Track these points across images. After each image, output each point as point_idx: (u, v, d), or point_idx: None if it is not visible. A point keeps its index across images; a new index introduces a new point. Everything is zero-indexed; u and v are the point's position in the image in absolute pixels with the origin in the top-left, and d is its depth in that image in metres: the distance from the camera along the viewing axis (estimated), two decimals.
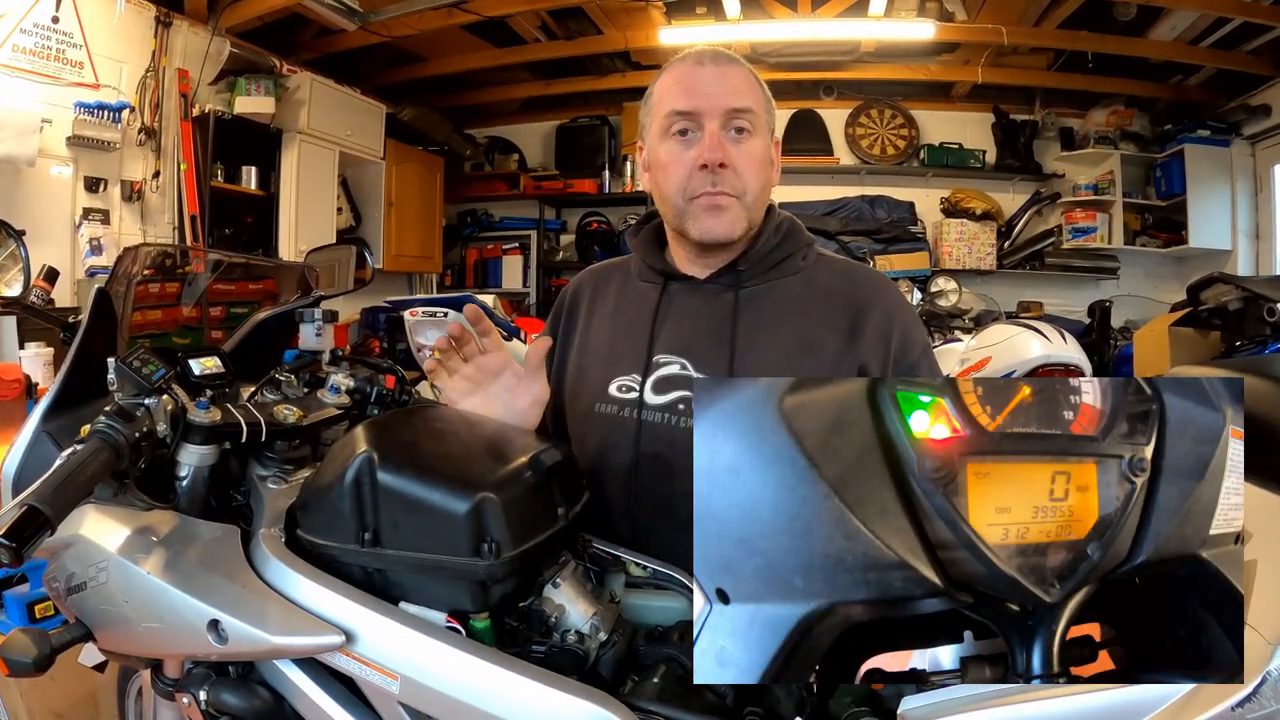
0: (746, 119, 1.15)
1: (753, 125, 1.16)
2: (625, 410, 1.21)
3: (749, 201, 1.17)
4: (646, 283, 1.29)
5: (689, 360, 1.20)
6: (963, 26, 4.91)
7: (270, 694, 0.87)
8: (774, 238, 1.23)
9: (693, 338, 1.21)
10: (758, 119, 1.17)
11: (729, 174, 1.14)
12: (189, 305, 1.69)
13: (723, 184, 1.14)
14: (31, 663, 0.85)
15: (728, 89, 1.15)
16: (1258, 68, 4.91)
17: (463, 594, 0.81)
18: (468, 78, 6.04)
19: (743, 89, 1.16)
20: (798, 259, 1.24)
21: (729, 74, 1.16)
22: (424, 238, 6.19)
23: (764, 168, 1.18)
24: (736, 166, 1.14)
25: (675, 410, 1.18)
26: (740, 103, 1.15)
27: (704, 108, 1.14)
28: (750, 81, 1.18)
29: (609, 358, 1.26)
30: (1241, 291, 3.40)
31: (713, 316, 1.21)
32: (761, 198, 1.19)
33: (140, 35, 3.97)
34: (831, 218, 5.93)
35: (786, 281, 1.22)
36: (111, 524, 0.93)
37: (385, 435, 0.88)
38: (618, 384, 1.23)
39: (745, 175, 1.15)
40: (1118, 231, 5.67)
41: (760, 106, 1.18)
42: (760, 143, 1.17)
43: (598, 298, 1.35)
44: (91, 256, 3.66)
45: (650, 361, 1.21)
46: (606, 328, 1.30)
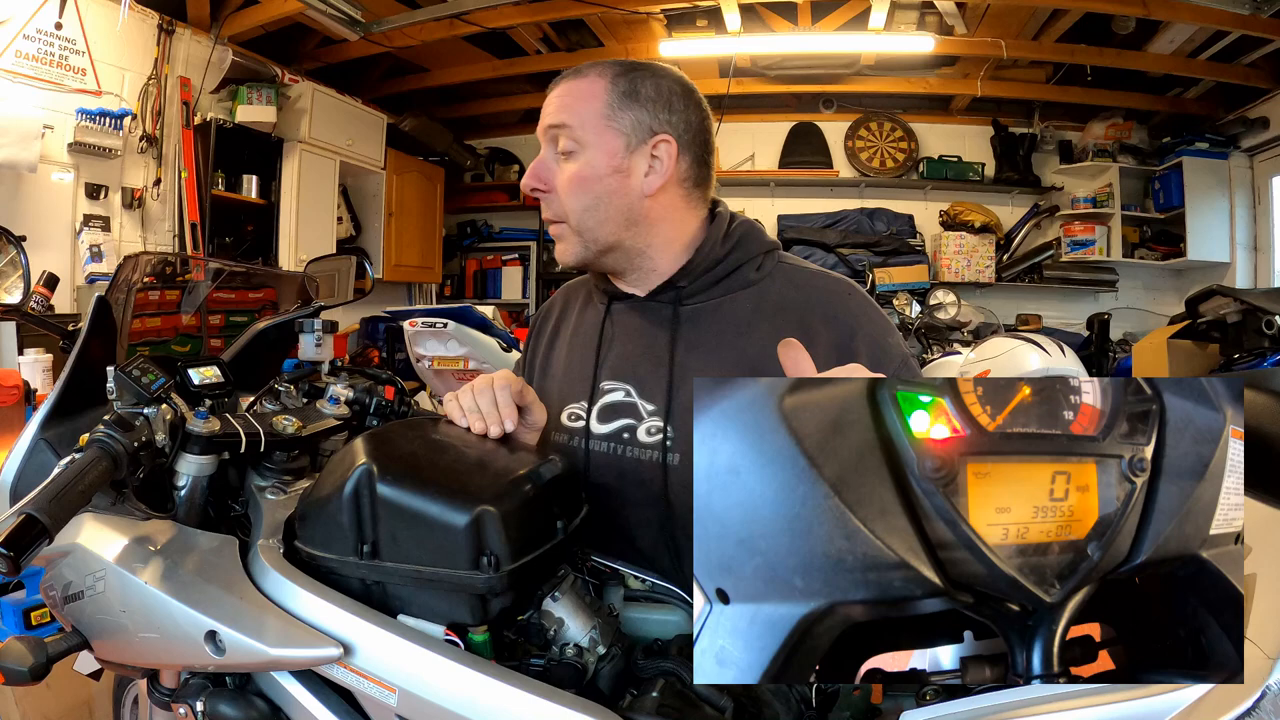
0: (566, 136, 1.10)
1: (577, 141, 1.09)
2: (574, 440, 1.17)
3: (576, 224, 1.12)
4: (599, 303, 1.26)
5: (632, 386, 1.16)
6: (962, 40, 4.93)
7: (267, 705, 0.87)
8: (719, 248, 1.15)
9: (635, 361, 1.17)
10: (583, 134, 1.09)
11: (553, 198, 1.12)
12: (189, 313, 1.69)
13: (547, 209, 1.14)
14: (28, 671, 0.85)
15: (553, 109, 1.11)
16: (1256, 80, 4.94)
17: (461, 607, 0.80)
18: (469, 89, 6.07)
19: (566, 105, 1.10)
20: (749, 270, 1.16)
21: (559, 93, 1.12)
22: (424, 248, 6.21)
23: (589, 185, 1.10)
24: (557, 189, 1.11)
25: (620, 439, 1.14)
26: (556, 119, 1.10)
27: (540, 130, 1.13)
28: (584, 91, 1.11)
29: (563, 384, 1.23)
30: (1240, 304, 3.41)
31: (653, 338, 1.16)
32: (595, 216, 1.11)
33: (143, 43, 3.99)
34: (831, 230, 5.95)
35: (734, 298, 1.15)
36: (109, 533, 0.93)
37: (385, 447, 0.87)
38: (569, 411, 1.20)
39: (564, 198, 1.11)
40: (1116, 244, 5.69)
41: (589, 118, 1.09)
42: (585, 159, 1.10)
43: (564, 318, 1.32)
44: (91, 263, 3.67)
45: (595, 388, 1.18)
46: (564, 352, 1.28)
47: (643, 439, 1.12)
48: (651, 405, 1.13)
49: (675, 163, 1.12)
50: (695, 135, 1.15)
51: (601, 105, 1.10)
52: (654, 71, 1.13)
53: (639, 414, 1.13)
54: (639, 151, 1.11)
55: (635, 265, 1.17)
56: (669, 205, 1.15)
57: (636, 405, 1.14)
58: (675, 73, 1.15)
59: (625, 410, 1.15)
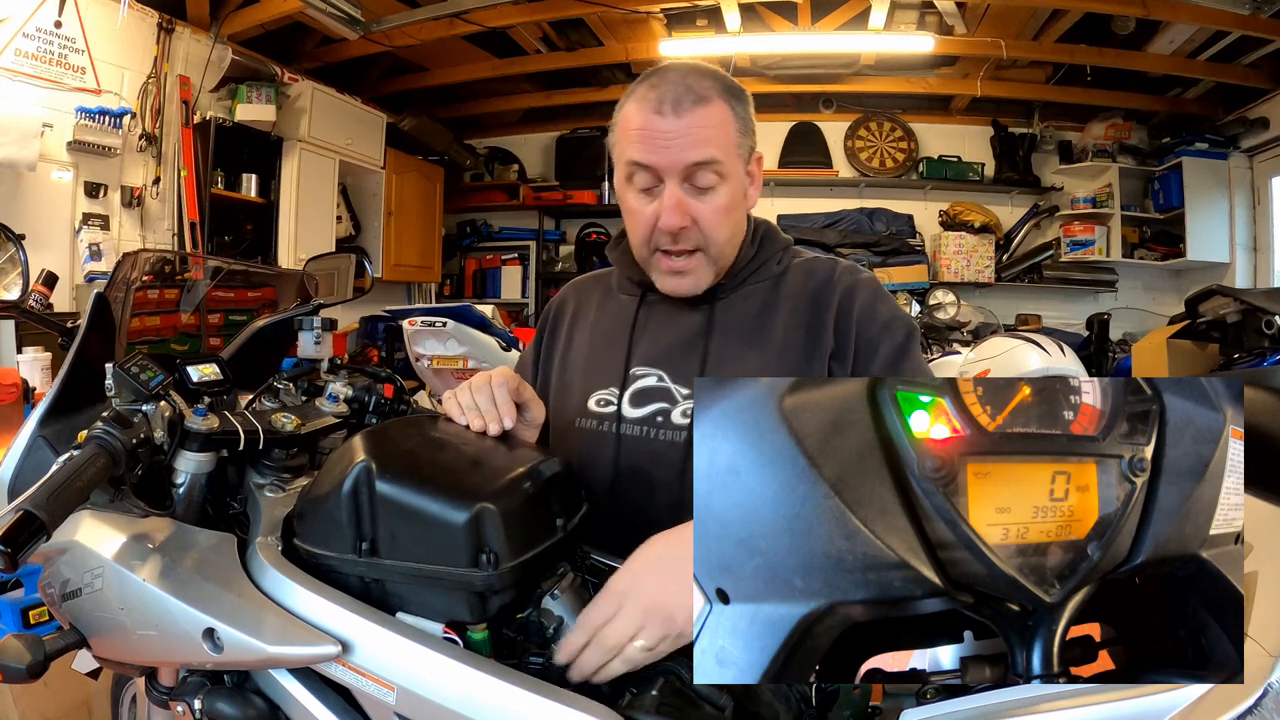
0: (711, 171, 1.07)
1: (721, 174, 1.08)
2: (604, 424, 1.19)
3: (715, 253, 1.13)
4: (626, 295, 1.28)
5: (665, 371, 1.18)
6: (962, 40, 4.93)
7: (265, 703, 0.87)
8: (750, 249, 1.21)
9: (669, 349, 1.19)
10: (726, 165, 1.08)
11: (692, 230, 1.09)
12: (188, 312, 1.69)
13: (684, 241, 1.10)
14: (25, 669, 0.84)
15: (690, 142, 1.05)
16: (1255, 81, 4.94)
17: (460, 605, 0.80)
18: (468, 88, 6.07)
19: (707, 138, 1.06)
20: (772, 265, 1.22)
21: (691, 123, 1.05)
22: (423, 247, 6.20)
23: (733, 213, 1.12)
24: (700, 222, 1.09)
25: (654, 423, 1.16)
26: (702, 155, 1.06)
27: (664, 165, 1.06)
28: (717, 120, 1.08)
29: (588, 372, 1.24)
30: (1240, 304, 3.40)
31: (688, 327, 1.19)
32: (733, 241, 1.16)
33: (142, 41, 3.98)
34: (830, 230, 5.94)
35: (760, 287, 1.20)
36: (107, 530, 0.93)
37: (384, 444, 0.87)
38: (596, 398, 1.21)
39: (709, 229, 1.10)
40: (1116, 244, 5.69)
41: (728, 148, 1.09)
42: (728, 190, 1.09)
43: (580, 312, 1.34)
44: (91, 262, 3.66)
45: (628, 374, 1.20)
46: (586, 341, 1.29)
47: (677, 421, 1.15)
48: (685, 390, 1.16)
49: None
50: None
51: (734, 134, 1.10)
52: (743, 89, 1.15)
53: (673, 398, 1.16)
54: (752, 166, 1.17)
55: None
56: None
57: (670, 390, 1.17)
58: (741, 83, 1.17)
59: (659, 395, 1.17)
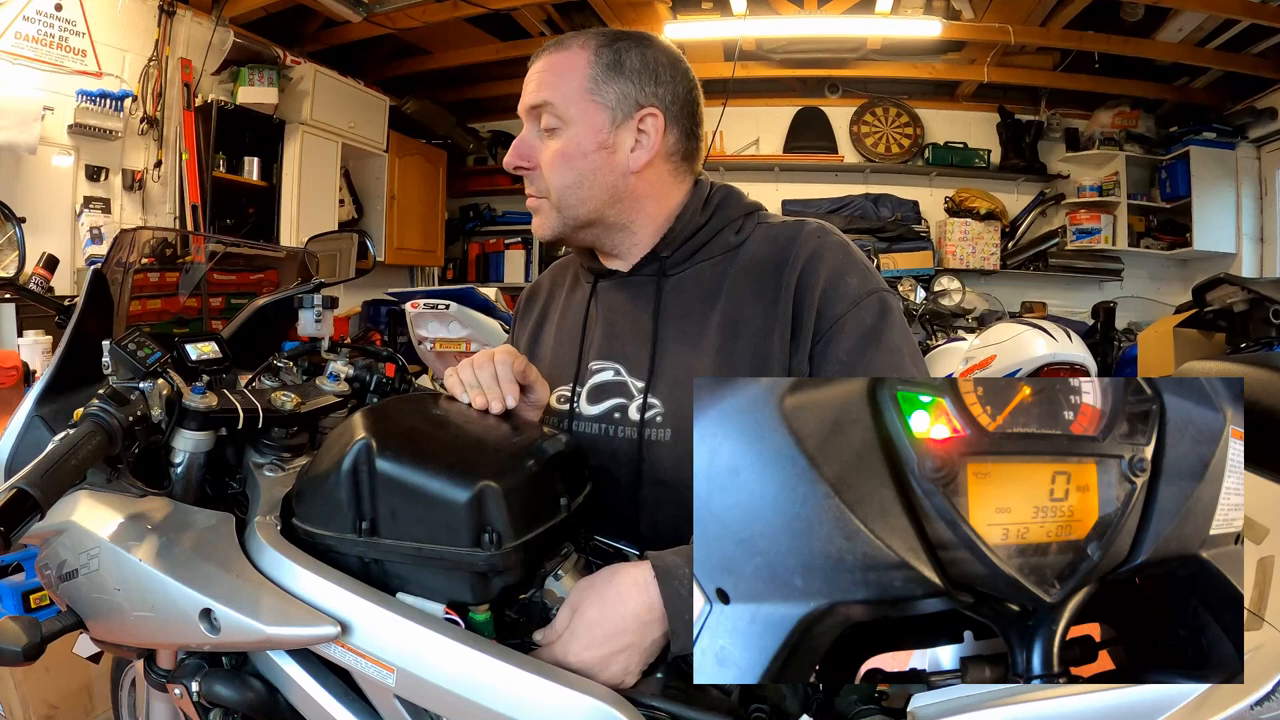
0: (549, 114, 1.08)
1: (560, 117, 1.07)
2: (561, 423, 1.15)
3: (556, 200, 1.10)
4: (585, 284, 1.24)
5: (620, 364, 1.13)
6: (969, 25, 4.90)
7: (264, 685, 0.86)
8: (699, 216, 1.13)
9: (622, 339, 1.15)
10: (566, 110, 1.07)
11: (536, 175, 1.11)
12: (187, 294, 1.68)
13: (530, 186, 1.12)
14: (20, 651, 0.83)
15: (534, 85, 1.09)
16: (1264, 70, 4.89)
17: (462, 585, 0.79)
18: (471, 71, 6.03)
19: (547, 82, 1.08)
20: (729, 234, 1.13)
21: (540, 68, 1.10)
22: (426, 231, 6.19)
23: (573, 161, 1.08)
24: (541, 166, 1.10)
25: (610, 419, 1.11)
26: (536, 99, 1.08)
27: (522, 108, 1.12)
28: (566, 67, 1.08)
29: (551, 368, 1.19)
30: (1247, 293, 3.38)
31: (638, 313, 1.14)
32: (576, 191, 1.09)
33: (143, 24, 3.96)
34: (835, 216, 5.92)
35: (714, 263, 1.13)
36: (104, 510, 0.92)
37: (384, 422, 0.86)
38: (557, 395, 1.17)
39: (547, 175, 1.09)
40: (1122, 233, 5.66)
41: (571, 94, 1.07)
42: (568, 135, 1.07)
43: (552, 301, 1.30)
44: (92, 245, 3.65)
45: (581, 370, 1.16)
46: (551, 335, 1.26)
47: (634, 417, 1.10)
48: (640, 382, 1.11)
49: (663, 137, 1.10)
50: (683, 107, 1.12)
51: (584, 79, 1.07)
52: (639, 41, 1.11)
53: (629, 392, 1.11)
54: (625, 126, 1.08)
55: (615, 240, 1.15)
56: (655, 180, 1.12)
57: (627, 384, 1.12)
58: (662, 42, 1.13)
59: (615, 390, 1.13)
